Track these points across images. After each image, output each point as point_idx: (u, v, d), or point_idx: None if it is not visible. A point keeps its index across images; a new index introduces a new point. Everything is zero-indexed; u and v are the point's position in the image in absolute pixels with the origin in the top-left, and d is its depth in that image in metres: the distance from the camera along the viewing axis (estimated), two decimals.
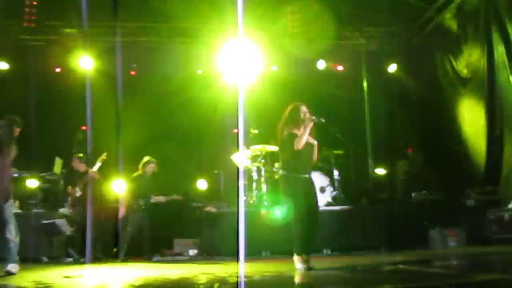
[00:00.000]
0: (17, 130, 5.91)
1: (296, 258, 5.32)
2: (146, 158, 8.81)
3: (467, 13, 9.57)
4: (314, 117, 5.52)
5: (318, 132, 6.02)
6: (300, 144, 5.42)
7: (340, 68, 11.39)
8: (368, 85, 11.50)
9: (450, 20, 10.05)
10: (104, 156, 8.36)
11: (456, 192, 9.35)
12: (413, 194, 9.29)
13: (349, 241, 8.31)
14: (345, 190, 9.33)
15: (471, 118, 9.52)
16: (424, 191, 9.01)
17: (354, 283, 4.23)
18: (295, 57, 10.90)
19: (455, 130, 10.03)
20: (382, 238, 8.40)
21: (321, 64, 11.08)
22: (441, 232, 8.37)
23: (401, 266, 5.35)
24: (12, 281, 4.91)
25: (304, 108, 5.63)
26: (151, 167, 8.77)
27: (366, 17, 10.91)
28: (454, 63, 10.09)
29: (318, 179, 8.86)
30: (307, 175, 5.62)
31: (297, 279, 4.60)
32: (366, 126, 11.33)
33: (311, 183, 5.66)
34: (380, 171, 10.21)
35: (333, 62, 11.24)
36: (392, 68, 11.07)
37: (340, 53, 11.24)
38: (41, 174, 9.12)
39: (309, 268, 5.16)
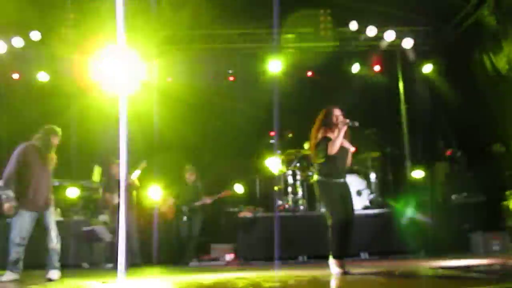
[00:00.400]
0: (56, 140, 6.07)
1: (332, 262, 5.26)
2: (187, 166, 8.97)
3: (506, 8, 9.28)
4: (348, 121, 5.45)
5: (355, 134, 5.94)
6: (334, 148, 5.36)
7: (377, 68, 11.24)
8: (404, 86, 11.27)
9: (488, 17, 9.76)
10: (144, 164, 8.50)
11: (499, 195, 9.05)
12: (453, 197, 9.03)
13: (387, 245, 8.17)
14: (383, 193, 9.16)
15: None
16: (465, 194, 8.74)
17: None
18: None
19: (497, 130, 9.72)
20: (421, 242, 8.22)
21: (355, 68, 11.00)
22: (484, 236, 8.11)
23: (441, 270, 5.20)
24: (54, 287, 5.02)
25: (337, 111, 5.57)
26: (193, 175, 8.93)
27: (401, 16, 10.74)
28: (494, 60, 9.79)
29: (355, 182, 8.76)
30: (342, 180, 5.55)
31: (333, 284, 4.52)
32: (403, 127, 11.09)
33: (346, 187, 5.59)
34: (419, 173, 9.96)
35: (370, 63, 11.10)
36: (428, 68, 10.84)
37: (375, 53, 11.09)
38: (81, 182, 9.35)
39: (345, 273, 5.09)
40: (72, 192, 9.18)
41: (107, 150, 10.46)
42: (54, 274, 5.79)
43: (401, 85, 11.30)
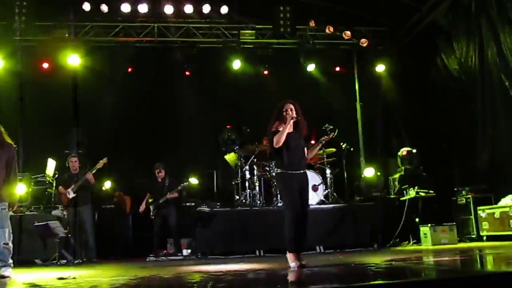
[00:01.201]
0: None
1: (288, 256, 5.33)
2: (157, 164, 8.92)
3: (458, 11, 9.68)
4: (294, 116, 5.47)
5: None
6: (278, 140, 5.37)
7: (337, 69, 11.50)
8: (360, 84, 11.56)
9: (442, 19, 10.15)
10: (105, 160, 8.33)
11: (448, 190, 9.47)
12: (405, 192, 9.36)
13: (342, 239, 8.38)
14: (337, 189, 9.38)
15: (464, 116, 9.64)
16: (416, 189, 9.06)
17: (348, 279, 4.26)
18: None
19: (448, 129, 10.16)
20: (374, 236, 8.50)
21: (311, 67, 11.21)
22: (434, 229, 8.47)
23: (393, 263, 5.40)
24: (7, 284, 4.89)
25: (288, 106, 5.58)
26: (161, 172, 8.87)
27: (357, 16, 11.01)
28: (446, 62, 10.20)
29: (311, 177, 8.90)
30: (299, 171, 5.54)
31: (290, 277, 4.62)
32: (358, 124, 11.38)
33: (303, 180, 5.56)
34: (372, 170, 10.26)
35: (328, 62, 11.31)
36: (381, 68, 11.17)
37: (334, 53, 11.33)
38: (33, 176, 9.06)
39: (301, 266, 5.17)
40: (22, 186, 8.85)
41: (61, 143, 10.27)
42: (7, 271, 5.63)
43: (357, 84, 11.58)
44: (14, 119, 9.49)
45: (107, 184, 9.96)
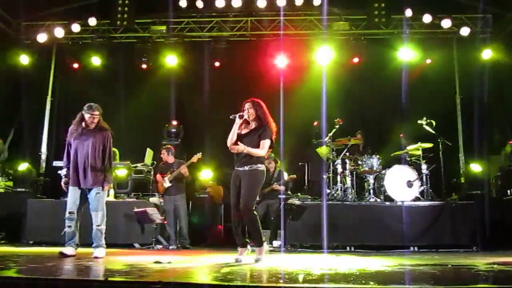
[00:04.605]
0: (87, 116, 6.03)
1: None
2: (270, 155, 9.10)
3: None
4: (233, 115, 5.71)
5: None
6: (228, 140, 5.67)
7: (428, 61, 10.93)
8: (460, 75, 10.91)
9: None
10: (199, 155, 8.63)
11: None
12: (509, 192, 8.71)
13: (438, 238, 7.98)
14: (434, 186, 8.94)
15: None
16: None
17: (446, 280, 4.04)
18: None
19: None
20: (474, 237, 7.98)
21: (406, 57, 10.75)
22: None
23: (495, 266, 5.03)
24: (106, 264, 5.20)
25: (245, 105, 5.78)
26: (272, 164, 9.05)
27: (456, 3, 10.38)
28: None
29: (406, 173, 8.57)
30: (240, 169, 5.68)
31: (397, 274, 4.46)
32: (458, 119, 10.76)
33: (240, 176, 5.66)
34: (472, 166, 9.65)
35: (424, 52, 10.80)
36: (485, 56, 10.42)
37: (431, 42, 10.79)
38: (133, 165, 9.60)
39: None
40: (123, 173, 9.44)
41: (158, 135, 10.82)
42: (100, 251, 6.01)
43: (456, 74, 10.95)
44: (118, 113, 10.15)
45: (203, 174, 10.33)
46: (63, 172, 6.16)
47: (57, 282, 3.60)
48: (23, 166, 9.96)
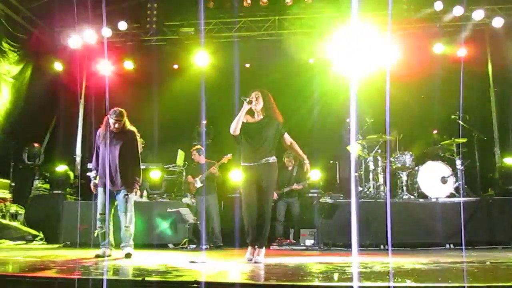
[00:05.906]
0: (111, 121, 6.09)
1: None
2: (287, 153, 9.13)
3: None
4: (244, 97, 5.44)
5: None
6: (231, 127, 5.36)
7: (461, 52, 10.66)
8: (493, 68, 10.63)
9: None
10: (229, 156, 8.69)
11: None
12: None
13: (474, 235, 7.80)
14: (469, 181, 8.75)
15: None
16: None
17: (485, 278, 3.95)
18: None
19: None
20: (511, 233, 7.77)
21: (438, 48, 10.54)
22: None
23: None
24: (142, 264, 5.28)
25: (251, 94, 5.54)
26: (291, 161, 9.15)
27: None
28: None
29: (439, 169, 8.42)
30: (252, 164, 5.37)
31: (424, 272, 4.40)
32: (492, 112, 10.47)
33: (258, 172, 5.33)
34: (508, 160, 9.40)
35: (453, 44, 10.56)
36: None
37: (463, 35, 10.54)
38: (165, 166, 9.74)
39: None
40: (156, 175, 9.59)
41: (189, 135, 10.92)
42: (128, 251, 6.10)
43: (490, 67, 10.68)
44: (150, 115, 10.31)
45: (233, 175, 10.36)
46: (92, 174, 6.29)
47: (94, 282, 3.67)
48: (61, 168, 10.23)
